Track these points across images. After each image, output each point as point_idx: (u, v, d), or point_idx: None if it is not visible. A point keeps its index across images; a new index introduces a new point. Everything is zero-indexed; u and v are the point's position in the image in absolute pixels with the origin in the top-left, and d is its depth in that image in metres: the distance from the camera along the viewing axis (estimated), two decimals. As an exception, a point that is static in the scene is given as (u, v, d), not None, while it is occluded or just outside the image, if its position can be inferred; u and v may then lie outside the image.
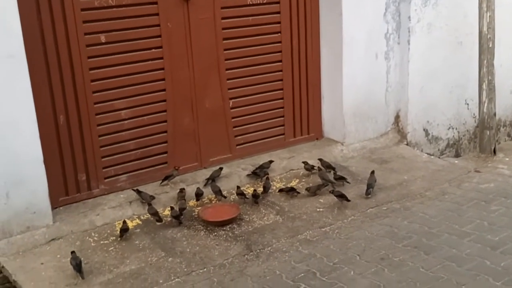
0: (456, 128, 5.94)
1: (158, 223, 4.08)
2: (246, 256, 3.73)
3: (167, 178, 4.54)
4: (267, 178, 4.63)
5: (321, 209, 4.32)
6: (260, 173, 4.75)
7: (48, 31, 3.98)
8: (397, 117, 5.66)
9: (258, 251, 3.78)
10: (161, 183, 4.56)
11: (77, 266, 3.50)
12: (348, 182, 4.69)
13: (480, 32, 5.40)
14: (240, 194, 4.40)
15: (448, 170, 5.03)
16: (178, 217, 4.08)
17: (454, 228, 3.98)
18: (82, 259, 3.57)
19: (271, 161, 4.89)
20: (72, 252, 3.56)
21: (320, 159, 4.93)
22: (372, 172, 4.64)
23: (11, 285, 3.62)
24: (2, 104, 3.63)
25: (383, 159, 5.29)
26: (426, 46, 5.53)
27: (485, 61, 5.41)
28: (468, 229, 3.95)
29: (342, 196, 4.33)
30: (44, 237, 3.89)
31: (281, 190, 4.53)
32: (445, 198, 4.46)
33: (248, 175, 4.77)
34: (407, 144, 5.60)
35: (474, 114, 5.98)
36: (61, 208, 4.20)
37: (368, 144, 5.49)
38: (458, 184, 4.74)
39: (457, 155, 5.94)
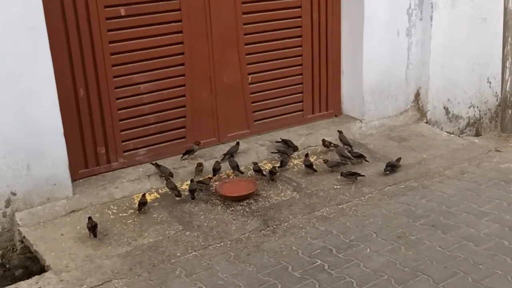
0: (477, 107, 5.85)
1: (177, 198, 4.11)
2: (262, 231, 3.75)
3: (188, 152, 4.56)
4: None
5: (338, 186, 4.31)
6: (287, 150, 4.73)
7: (68, 4, 3.97)
8: (417, 94, 5.59)
9: (274, 226, 3.80)
10: (182, 157, 4.58)
11: (92, 228, 3.64)
12: (366, 161, 4.66)
13: (505, 8, 5.28)
14: (257, 170, 4.41)
15: (468, 149, 4.98)
16: (193, 192, 4.10)
17: (472, 208, 3.95)
18: (97, 223, 3.68)
19: (296, 148, 4.84)
20: (89, 218, 3.70)
21: (340, 131, 4.90)
22: (398, 159, 4.59)
23: (32, 255, 3.70)
24: (23, 76, 3.66)
25: (402, 137, 5.24)
26: (449, 22, 5.42)
27: (509, 38, 5.30)
28: (486, 209, 3.92)
29: (353, 174, 4.31)
30: (64, 208, 3.95)
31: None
32: (464, 177, 4.43)
33: (273, 152, 4.75)
34: (426, 122, 5.55)
35: (496, 93, 5.88)
36: (80, 180, 4.25)
37: (387, 122, 5.45)
38: (478, 163, 4.69)
39: (477, 134, 5.86)
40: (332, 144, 4.84)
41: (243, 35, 4.80)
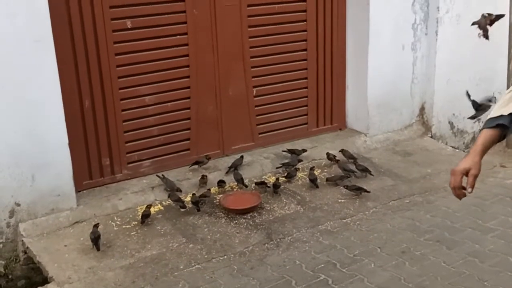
0: (482, 122, 5.82)
1: (182, 210, 4.10)
2: (266, 245, 3.74)
3: (197, 163, 4.57)
4: (296, 169, 4.62)
5: (342, 200, 4.30)
6: (292, 161, 4.72)
7: (75, 16, 4.00)
8: (422, 109, 5.59)
9: (278, 240, 3.79)
10: (190, 166, 4.59)
11: (94, 240, 3.62)
12: (371, 174, 4.66)
13: (510, 25, 5.29)
14: (261, 183, 4.40)
15: (472, 164, 4.95)
16: (197, 204, 4.10)
17: (477, 223, 3.93)
18: (100, 234, 3.67)
19: (304, 150, 4.88)
20: (95, 226, 3.69)
21: (342, 150, 4.91)
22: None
23: (35, 266, 3.69)
24: (29, 87, 3.68)
25: (407, 151, 5.24)
26: (454, 37, 5.43)
27: (514, 54, 5.30)
28: (491, 225, 3.90)
29: (359, 189, 4.30)
30: (68, 219, 3.95)
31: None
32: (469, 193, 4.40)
33: (278, 167, 4.74)
34: (431, 137, 5.54)
35: (501, 108, 5.86)
36: (84, 191, 4.25)
37: (392, 136, 5.44)
38: (483, 178, 4.66)
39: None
40: (336, 158, 4.83)
41: (248, 48, 4.82)
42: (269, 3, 4.83)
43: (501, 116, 2.16)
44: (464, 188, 2.17)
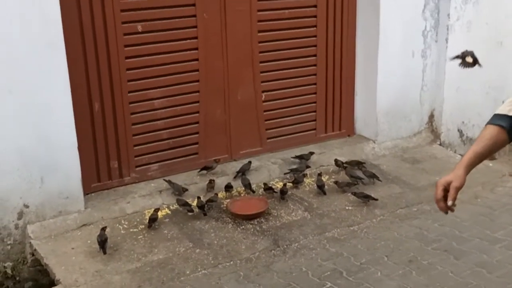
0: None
1: (189, 213, 4.11)
2: (273, 251, 3.74)
3: (206, 168, 4.57)
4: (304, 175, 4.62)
5: (350, 207, 4.29)
6: (300, 167, 4.72)
7: (87, 20, 4.02)
8: (431, 116, 5.57)
9: (285, 246, 3.78)
10: (199, 171, 4.60)
11: (101, 243, 3.63)
12: (379, 180, 4.64)
13: (522, 32, 5.26)
14: (269, 189, 4.40)
15: (481, 173, 4.90)
16: (203, 208, 4.10)
17: (485, 233, 3.91)
18: (107, 237, 3.68)
19: (311, 153, 4.88)
20: (102, 229, 3.70)
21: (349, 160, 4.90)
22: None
23: (42, 268, 3.71)
24: (40, 90, 3.70)
25: (415, 158, 5.22)
26: (464, 44, 5.33)
27: (525, 62, 5.27)
28: (500, 235, 3.88)
29: (367, 197, 4.29)
30: (76, 222, 3.96)
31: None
32: (477, 202, 4.39)
33: (286, 173, 4.73)
34: (440, 145, 5.51)
35: (511, 116, 5.82)
36: (92, 194, 4.26)
37: (401, 143, 5.42)
38: (492, 188, 4.65)
39: (491, 158, 5.80)
40: (344, 164, 4.82)
41: (258, 53, 4.82)
42: (279, 8, 4.83)
43: (505, 116, 2.11)
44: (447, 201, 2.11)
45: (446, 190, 2.11)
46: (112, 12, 4.10)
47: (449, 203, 2.10)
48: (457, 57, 3.95)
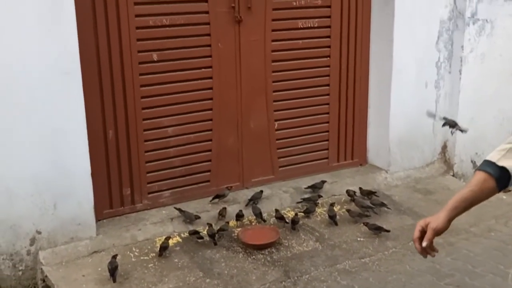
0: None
1: (199, 240, 4.11)
2: (283, 282, 3.71)
3: (218, 197, 4.58)
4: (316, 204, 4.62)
5: (361, 239, 4.26)
6: (312, 196, 4.73)
7: (103, 49, 4.08)
8: (444, 147, 5.55)
9: (295, 278, 3.76)
10: (211, 200, 4.60)
11: (112, 270, 3.62)
12: (388, 208, 4.62)
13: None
14: (280, 218, 4.39)
15: (495, 205, 4.87)
16: (213, 237, 4.10)
17: (499, 269, 3.85)
18: (118, 264, 3.68)
19: (323, 181, 4.87)
20: (113, 256, 3.71)
21: (360, 188, 4.88)
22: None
23: (53, 295, 3.71)
24: (56, 117, 3.74)
25: (428, 189, 5.18)
26: (478, 76, 5.41)
27: (539, 95, 5.26)
28: (513, 271, 3.82)
29: (378, 229, 4.26)
30: (87, 249, 3.97)
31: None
32: (491, 236, 4.34)
33: (298, 202, 4.73)
34: (453, 176, 5.48)
35: (525, 148, 5.79)
36: (104, 220, 4.28)
37: (413, 173, 5.40)
38: (506, 221, 4.60)
39: (506, 191, 5.75)
40: (356, 194, 4.81)
41: (271, 82, 4.85)
42: (293, 38, 4.87)
43: (494, 164, 2.02)
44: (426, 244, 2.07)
45: (424, 231, 2.08)
46: (128, 41, 4.16)
47: (424, 244, 2.07)
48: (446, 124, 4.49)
